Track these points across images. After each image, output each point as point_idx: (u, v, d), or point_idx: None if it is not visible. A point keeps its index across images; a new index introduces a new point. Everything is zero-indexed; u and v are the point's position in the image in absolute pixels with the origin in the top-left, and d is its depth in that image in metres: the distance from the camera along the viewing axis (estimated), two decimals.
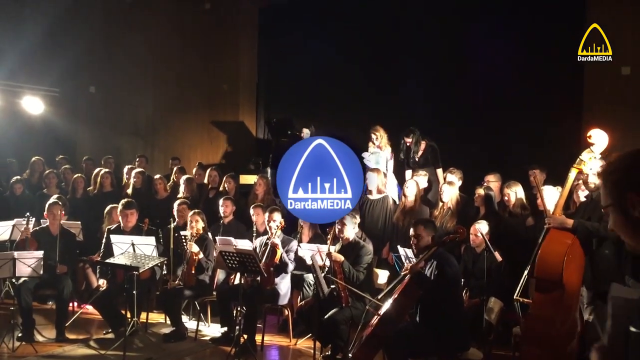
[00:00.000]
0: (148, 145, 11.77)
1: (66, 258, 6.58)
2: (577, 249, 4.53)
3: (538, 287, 4.62)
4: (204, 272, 6.54)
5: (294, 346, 6.25)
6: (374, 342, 4.59)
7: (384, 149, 8.13)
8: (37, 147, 10.67)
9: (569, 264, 4.41)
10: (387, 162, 8.17)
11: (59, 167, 9.66)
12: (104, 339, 6.30)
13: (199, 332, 6.52)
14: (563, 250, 4.44)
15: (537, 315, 4.57)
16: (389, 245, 6.88)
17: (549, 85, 8.42)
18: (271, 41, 11.06)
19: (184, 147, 11.43)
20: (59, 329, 6.30)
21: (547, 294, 4.50)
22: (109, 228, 6.78)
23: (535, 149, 8.17)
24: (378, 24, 9.68)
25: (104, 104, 12.00)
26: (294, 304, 6.57)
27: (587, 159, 4.66)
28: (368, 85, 9.76)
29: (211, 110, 11.29)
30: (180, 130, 11.56)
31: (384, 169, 8.02)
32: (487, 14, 8.91)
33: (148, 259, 6.01)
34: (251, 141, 11.14)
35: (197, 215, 6.61)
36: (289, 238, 6.44)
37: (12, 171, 9.90)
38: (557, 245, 4.50)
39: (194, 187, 8.43)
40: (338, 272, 5.58)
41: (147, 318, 6.81)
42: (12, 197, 8.57)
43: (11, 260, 5.65)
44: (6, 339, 5.83)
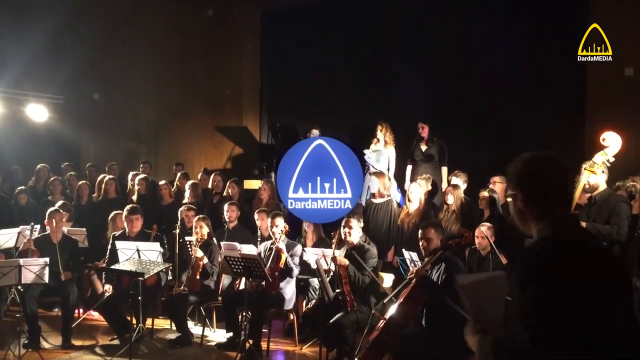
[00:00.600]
0: (152, 152, 11.81)
1: (70, 265, 6.59)
2: None
3: None
4: (209, 277, 6.55)
5: (299, 351, 6.24)
6: (379, 346, 4.57)
7: (388, 147, 8.14)
8: (42, 155, 10.71)
9: None
10: (389, 161, 8.18)
11: (64, 174, 9.69)
12: (110, 345, 6.30)
13: (205, 338, 6.51)
14: None
15: None
16: (394, 248, 6.88)
17: (552, 87, 8.40)
18: (274, 45, 11.09)
19: (188, 153, 11.46)
20: (65, 335, 6.31)
21: None
22: (114, 234, 6.79)
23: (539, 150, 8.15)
24: (380, 25, 9.69)
25: (108, 111, 12.05)
26: (299, 308, 6.56)
27: (600, 161, 4.64)
28: (371, 88, 9.77)
29: (215, 116, 11.32)
30: (184, 135, 11.58)
31: (385, 167, 8.03)
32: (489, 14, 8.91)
33: (153, 264, 6.02)
34: (255, 146, 11.16)
35: (201, 221, 6.62)
36: (293, 242, 6.44)
37: (17, 179, 9.94)
38: None
39: (199, 193, 8.45)
40: (343, 277, 5.57)
41: (153, 324, 6.81)
42: (16, 206, 8.60)
43: (17, 267, 5.66)
44: (12, 346, 5.84)
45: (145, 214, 6.90)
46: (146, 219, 6.91)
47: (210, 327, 6.82)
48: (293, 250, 6.28)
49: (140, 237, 6.63)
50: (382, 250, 6.81)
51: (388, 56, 9.67)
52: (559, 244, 1.99)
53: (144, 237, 6.66)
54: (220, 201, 8.14)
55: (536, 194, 2.08)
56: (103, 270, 6.70)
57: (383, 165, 8.10)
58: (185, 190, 8.39)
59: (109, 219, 7.54)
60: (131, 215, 6.68)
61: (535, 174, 2.11)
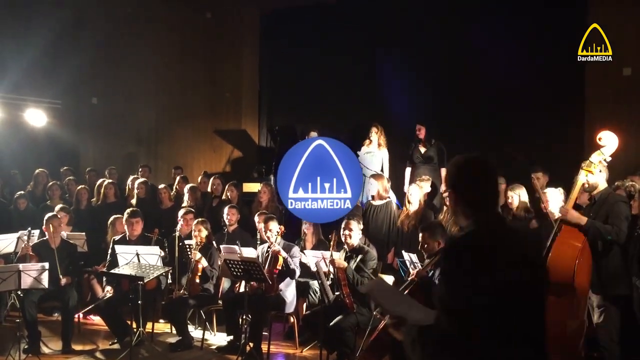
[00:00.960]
0: (151, 155, 11.80)
1: (69, 269, 6.57)
2: (587, 252, 4.50)
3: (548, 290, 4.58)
4: (208, 280, 6.54)
5: (300, 354, 6.23)
6: (379, 347, 4.56)
7: (381, 149, 8.15)
8: (41, 159, 10.69)
9: (581, 266, 4.39)
10: (382, 163, 8.19)
11: (64, 179, 9.67)
12: (110, 349, 6.29)
13: (205, 341, 6.50)
14: (574, 253, 4.42)
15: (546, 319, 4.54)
16: (394, 250, 6.87)
17: (550, 87, 8.41)
18: (272, 46, 11.09)
19: (187, 157, 11.45)
20: (65, 340, 6.29)
21: (557, 298, 4.47)
22: (115, 239, 6.78)
23: (538, 151, 8.16)
24: (378, 26, 9.70)
25: (107, 115, 12.04)
26: (300, 311, 6.55)
27: (597, 161, 4.63)
28: (370, 90, 9.78)
29: (214, 119, 11.32)
30: (183, 139, 11.58)
31: (379, 169, 8.03)
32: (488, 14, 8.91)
33: (153, 268, 6.01)
34: (254, 149, 11.16)
35: (201, 225, 6.61)
36: (289, 244, 6.42)
37: (16, 183, 9.92)
38: (568, 249, 4.47)
39: (198, 196, 8.44)
40: (342, 279, 5.56)
41: (153, 328, 6.80)
42: (15, 211, 8.59)
43: (16, 273, 5.65)
44: (12, 351, 5.81)
45: (144, 218, 6.89)
46: (146, 223, 6.90)
47: (210, 330, 6.81)
48: (290, 251, 6.27)
49: (141, 241, 6.63)
50: (382, 252, 6.80)
51: (387, 57, 9.67)
52: (479, 237, 2.17)
53: (144, 240, 6.66)
54: (219, 204, 8.13)
55: (466, 196, 2.26)
56: (103, 274, 6.69)
57: (376, 167, 8.11)
58: (184, 193, 8.38)
59: (108, 223, 7.53)
60: (132, 219, 6.68)
61: (466, 178, 2.29)
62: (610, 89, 8.01)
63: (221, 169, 11.05)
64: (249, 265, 5.68)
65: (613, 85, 7.98)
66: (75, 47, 11.41)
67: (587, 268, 4.49)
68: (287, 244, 6.41)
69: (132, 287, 6.01)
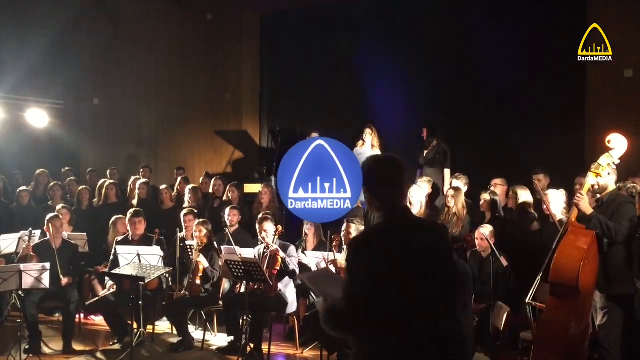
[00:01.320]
0: (152, 156, 11.81)
1: (71, 270, 6.58)
2: (593, 255, 4.50)
3: (553, 292, 4.59)
4: (209, 281, 6.54)
5: (300, 354, 6.23)
6: None
7: (374, 150, 8.14)
8: (42, 160, 10.69)
9: (586, 268, 4.39)
10: None
11: (65, 179, 9.68)
12: (111, 350, 6.29)
13: (206, 342, 6.50)
14: (580, 255, 4.41)
15: (550, 320, 4.54)
16: None
17: (551, 89, 8.42)
18: (273, 48, 11.10)
19: (188, 157, 11.46)
20: (66, 340, 6.30)
21: (562, 299, 4.46)
22: (117, 239, 6.79)
23: (540, 152, 8.16)
24: (379, 28, 9.70)
25: (108, 116, 12.05)
26: (300, 312, 6.55)
27: (605, 163, 4.63)
28: (370, 91, 9.77)
29: (215, 120, 11.33)
30: (184, 140, 11.59)
31: None
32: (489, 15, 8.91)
33: (154, 269, 6.01)
34: (255, 150, 11.17)
35: (202, 225, 6.61)
36: (284, 244, 6.40)
37: (17, 184, 9.92)
38: (574, 250, 4.47)
39: (200, 197, 8.44)
40: None
41: (154, 328, 6.81)
42: (18, 206, 8.58)
43: (17, 273, 5.66)
44: (13, 351, 5.82)
45: (146, 219, 6.90)
46: (147, 224, 6.91)
47: (211, 331, 6.81)
48: (287, 251, 6.26)
49: (143, 241, 6.64)
50: None
51: (387, 58, 9.67)
52: (381, 228, 2.44)
53: (147, 240, 6.67)
54: (220, 205, 8.14)
55: (376, 190, 2.50)
56: (104, 274, 6.70)
57: None
58: (185, 194, 8.38)
59: (109, 223, 7.53)
60: (135, 219, 6.70)
61: (375, 174, 2.53)
62: (612, 90, 8.00)
63: (222, 169, 11.06)
64: (250, 266, 5.69)
65: (614, 87, 7.98)
66: (77, 48, 11.41)
67: (592, 270, 4.49)
68: (283, 243, 6.39)
69: (132, 288, 6.01)
